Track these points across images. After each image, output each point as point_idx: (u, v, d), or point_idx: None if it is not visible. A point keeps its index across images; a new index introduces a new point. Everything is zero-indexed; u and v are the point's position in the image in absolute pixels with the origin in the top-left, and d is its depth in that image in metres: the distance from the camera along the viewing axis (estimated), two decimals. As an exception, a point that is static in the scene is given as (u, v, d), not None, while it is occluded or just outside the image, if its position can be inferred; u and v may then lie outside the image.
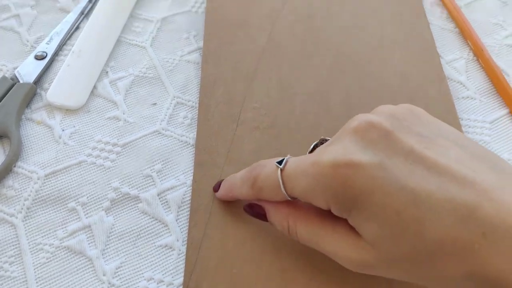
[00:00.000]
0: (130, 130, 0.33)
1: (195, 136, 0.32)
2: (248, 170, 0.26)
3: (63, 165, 0.31)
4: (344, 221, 0.22)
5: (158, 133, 0.33)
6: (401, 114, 0.22)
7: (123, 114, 0.33)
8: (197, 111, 0.33)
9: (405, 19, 0.38)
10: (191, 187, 0.30)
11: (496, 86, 0.35)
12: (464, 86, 0.35)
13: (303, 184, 0.22)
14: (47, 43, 0.37)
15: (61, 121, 0.33)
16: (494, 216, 0.18)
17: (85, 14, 0.39)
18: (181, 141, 0.32)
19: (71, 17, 0.38)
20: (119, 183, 0.30)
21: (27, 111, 0.34)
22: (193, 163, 0.31)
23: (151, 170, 0.31)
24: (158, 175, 0.31)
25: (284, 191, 0.23)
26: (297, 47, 0.35)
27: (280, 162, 0.23)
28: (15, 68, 0.36)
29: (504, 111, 0.34)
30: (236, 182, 0.26)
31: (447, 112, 0.33)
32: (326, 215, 0.23)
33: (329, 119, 0.32)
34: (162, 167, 0.31)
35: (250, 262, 0.26)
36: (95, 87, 0.35)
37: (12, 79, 0.34)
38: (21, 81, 0.34)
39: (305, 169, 0.22)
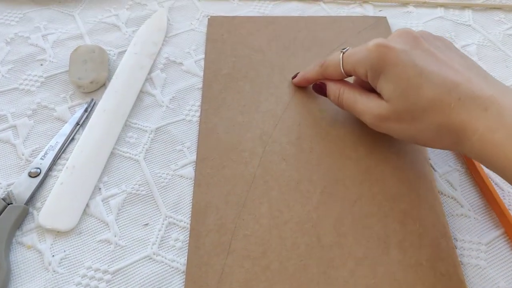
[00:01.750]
0: (121, 255, 0.32)
1: (186, 262, 0.31)
2: (318, 60, 0.38)
3: (51, 297, 0.30)
4: (374, 94, 0.34)
5: (149, 259, 0.32)
6: (431, 35, 0.34)
7: (115, 236, 0.33)
8: (188, 232, 0.33)
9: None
10: (181, 322, 0.29)
11: (490, 203, 0.35)
12: (458, 202, 0.35)
13: (354, 60, 0.34)
14: (41, 158, 0.37)
15: (52, 245, 0.33)
16: (469, 90, 0.29)
17: (80, 124, 0.40)
18: (172, 267, 0.32)
19: (66, 129, 0.39)
20: (108, 317, 0.30)
21: (18, 234, 0.33)
22: (183, 293, 0.30)
23: (140, 301, 0.30)
24: (147, 308, 0.30)
25: (341, 68, 0.35)
26: (287, 172, 0.36)
27: (343, 49, 0.36)
28: (8, 185, 0.36)
29: (500, 231, 0.33)
30: (309, 67, 0.39)
31: (440, 234, 0.32)
32: (364, 90, 0.35)
33: (319, 250, 0.32)
34: (152, 298, 0.30)
35: None
36: (87, 205, 0.35)
37: (4, 199, 0.34)
38: (14, 203, 0.34)
39: (358, 50, 0.34)
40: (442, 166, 0.37)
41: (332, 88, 0.37)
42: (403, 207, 0.34)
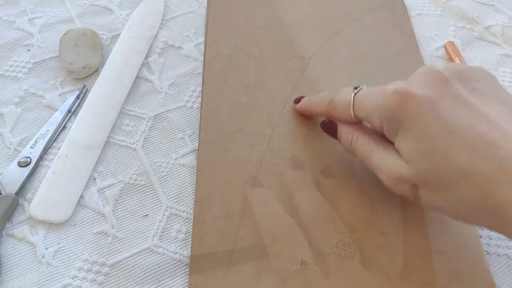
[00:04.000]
0: (120, 247, 0.30)
1: (190, 254, 0.30)
2: (328, 92, 0.32)
3: (45, 292, 0.28)
4: (392, 146, 0.27)
5: (150, 251, 0.30)
6: (466, 71, 0.26)
7: (112, 228, 0.31)
8: (192, 223, 0.31)
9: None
10: (186, 317, 0.27)
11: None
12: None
13: (367, 105, 0.28)
14: (31, 147, 0.35)
15: (45, 237, 0.31)
16: (511, 153, 0.22)
17: (72, 112, 0.37)
18: (175, 260, 0.30)
19: (57, 117, 0.37)
20: (107, 312, 0.28)
21: (8, 226, 0.31)
22: (187, 287, 0.29)
23: (142, 296, 0.28)
24: (149, 303, 0.28)
25: (352, 111, 0.29)
26: (300, 157, 0.33)
27: (356, 88, 0.29)
28: (-4, 176, 0.33)
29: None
30: (316, 100, 0.33)
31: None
32: (382, 139, 0.28)
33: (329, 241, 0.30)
34: (154, 293, 0.29)
35: None
36: (82, 196, 0.33)
37: (-8, 189, 0.32)
38: (2, 193, 0.32)
39: (372, 94, 0.28)
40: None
41: (344, 131, 0.31)
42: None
